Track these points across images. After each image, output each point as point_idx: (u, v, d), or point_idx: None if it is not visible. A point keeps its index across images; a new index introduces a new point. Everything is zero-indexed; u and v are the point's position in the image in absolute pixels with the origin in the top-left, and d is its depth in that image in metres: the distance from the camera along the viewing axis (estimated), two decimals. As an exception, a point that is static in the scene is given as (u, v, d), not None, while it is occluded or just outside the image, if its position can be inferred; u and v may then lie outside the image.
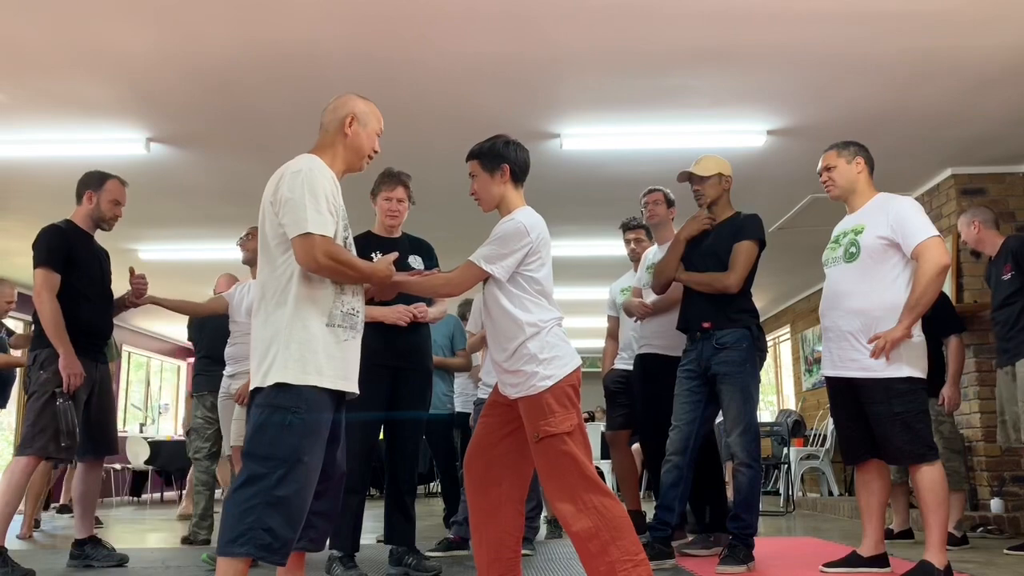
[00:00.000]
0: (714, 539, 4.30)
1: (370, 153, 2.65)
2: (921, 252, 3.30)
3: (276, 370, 2.36)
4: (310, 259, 2.38)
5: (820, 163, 3.65)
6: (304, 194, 2.39)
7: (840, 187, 3.58)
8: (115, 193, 4.17)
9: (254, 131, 5.30)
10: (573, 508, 2.54)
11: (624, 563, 2.49)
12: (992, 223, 4.60)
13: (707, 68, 4.51)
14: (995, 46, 4.26)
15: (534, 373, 2.60)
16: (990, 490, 5.59)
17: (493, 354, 2.76)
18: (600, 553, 2.51)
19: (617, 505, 2.56)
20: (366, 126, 2.62)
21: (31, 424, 3.85)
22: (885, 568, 3.55)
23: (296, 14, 3.94)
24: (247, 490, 2.26)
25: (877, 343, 3.28)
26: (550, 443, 2.56)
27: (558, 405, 2.58)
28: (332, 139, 2.60)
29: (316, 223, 2.38)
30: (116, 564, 4.10)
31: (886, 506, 3.61)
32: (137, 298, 4.17)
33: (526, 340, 2.63)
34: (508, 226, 2.70)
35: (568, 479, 2.55)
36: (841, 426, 3.59)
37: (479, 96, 4.83)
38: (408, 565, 3.68)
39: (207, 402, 5.13)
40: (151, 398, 13.26)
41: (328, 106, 2.64)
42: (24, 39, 4.13)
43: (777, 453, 9.17)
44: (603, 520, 2.51)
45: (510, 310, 2.66)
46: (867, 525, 3.58)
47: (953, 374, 4.78)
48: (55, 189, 5.96)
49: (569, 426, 2.57)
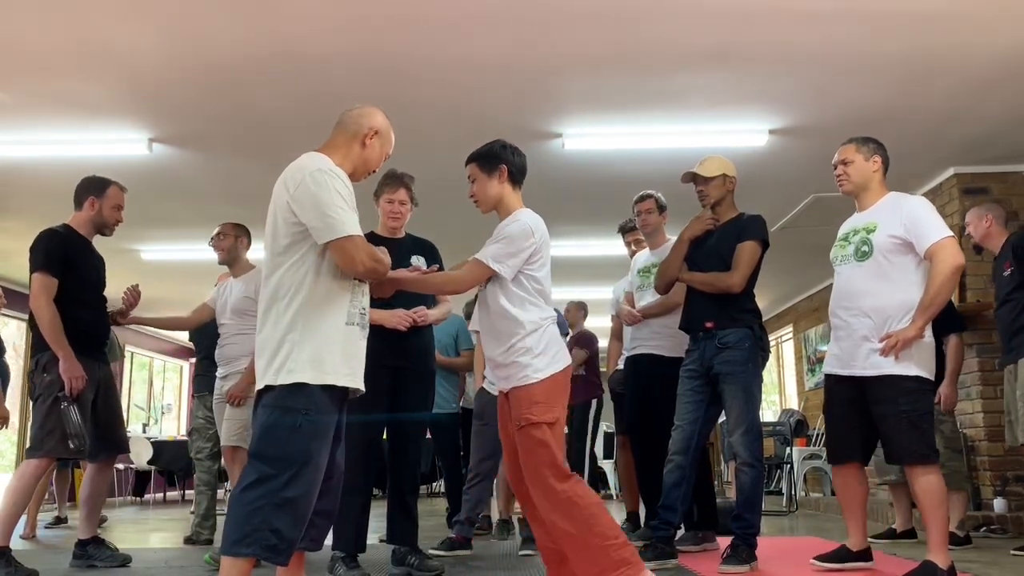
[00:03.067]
0: (702, 536, 4.34)
1: (373, 169, 2.68)
2: (936, 252, 3.29)
3: (290, 370, 2.35)
4: (355, 262, 2.41)
5: (836, 155, 3.59)
6: (333, 195, 2.39)
7: (854, 183, 3.55)
8: (117, 199, 4.17)
9: (256, 131, 5.30)
10: (546, 500, 2.66)
11: (606, 548, 2.58)
12: (1003, 221, 4.59)
13: (709, 68, 4.50)
14: (998, 45, 4.26)
15: (527, 365, 2.72)
16: (993, 490, 5.58)
17: (487, 349, 2.85)
18: (581, 543, 2.60)
19: (586, 489, 2.68)
20: (383, 145, 2.66)
21: (39, 426, 3.85)
22: (869, 562, 3.61)
23: (299, 15, 3.95)
24: (254, 491, 2.26)
25: (889, 341, 3.27)
26: (530, 431, 2.68)
27: (544, 397, 2.70)
28: (347, 142, 2.60)
29: (353, 225, 2.40)
30: (119, 564, 4.09)
31: (866, 504, 3.65)
32: (125, 314, 4.19)
33: (524, 336, 2.72)
34: (515, 226, 2.76)
35: (540, 467, 2.67)
36: (833, 425, 3.59)
37: (482, 97, 4.83)
38: (411, 565, 3.68)
39: (207, 402, 5.14)
40: (154, 398, 13.27)
41: (353, 111, 2.65)
42: (27, 39, 4.13)
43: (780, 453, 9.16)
44: (575, 508, 2.62)
45: (510, 309, 2.74)
46: (850, 523, 3.62)
47: (951, 373, 4.78)
48: (57, 189, 5.95)
49: (551, 417, 2.70)
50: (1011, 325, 4.33)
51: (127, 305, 4.18)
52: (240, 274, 4.52)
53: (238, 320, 4.43)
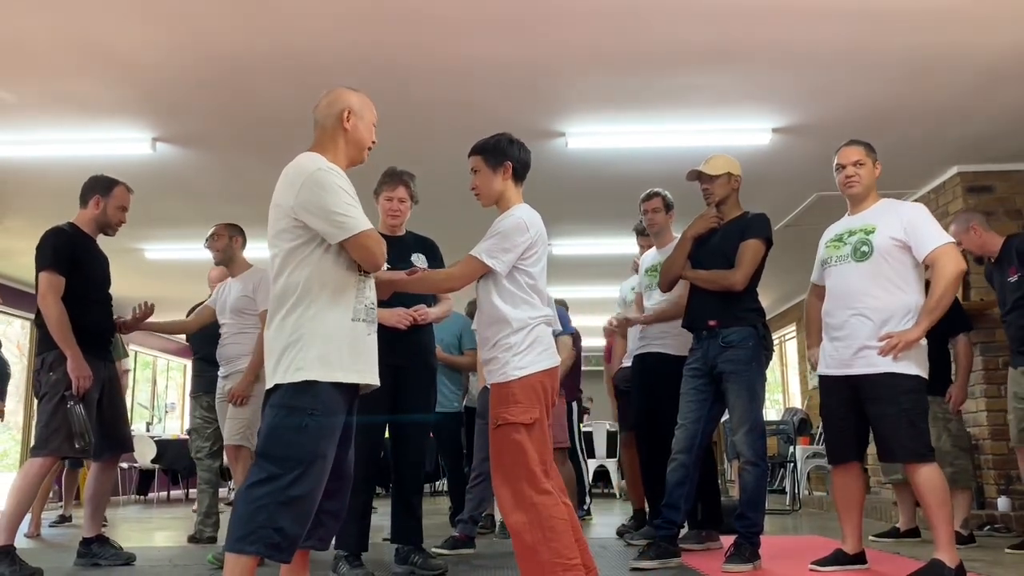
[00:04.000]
0: (706, 535, 4.34)
1: (369, 144, 2.64)
2: (938, 258, 3.30)
3: (298, 368, 2.35)
4: (376, 255, 2.44)
5: (847, 156, 3.55)
6: (339, 193, 2.39)
7: (864, 186, 3.54)
8: (122, 200, 4.18)
9: (260, 131, 5.31)
10: (512, 499, 2.59)
11: (555, 566, 2.51)
12: (985, 222, 4.55)
13: (712, 66, 4.50)
14: (1001, 43, 4.25)
15: (507, 361, 2.67)
16: (997, 488, 5.57)
17: (478, 347, 2.83)
18: (532, 552, 2.54)
19: (556, 506, 2.57)
20: (363, 118, 2.60)
21: (44, 425, 3.86)
22: (864, 565, 3.61)
23: (302, 15, 3.95)
24: (260, 488, 2.27)
25: (890, 341, 3.27)
26: (506, 431, 2.62)
27: (523, 396, 2.64)
28: (332, 135, 2.58)
29: (364, 220, 2.41)
30: (123, 563, 4.10)
31: (863, 506, 3.65)
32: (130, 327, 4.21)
33: (510, 333, 2.68)
34: (508, 221, 2.74)
35: (515, 469, 2.60)
36: (833, 425, 3.58)
37: (485, 95, 4.83)
38: (414, 564, 3.69)
39: (203, 402, 5.16)
40: (157, 397, 13.30)
41: (320, 102, 2.61)
42: (31, 39, 4.14)
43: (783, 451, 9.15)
44: (538, 518, 2.54)
45: (499, 306, 2.70)
46: (846, 525, 3.61)
47: (962, 373, 4.76)
48: (61, 189, 5.98)
49: (529, 418, 2.62)
50: (1020, 331, 4.31)
51: (135, 319, 4.20)
52: (238, 273, 4.53)
53: (237, 319, 4.44)
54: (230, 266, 4.57)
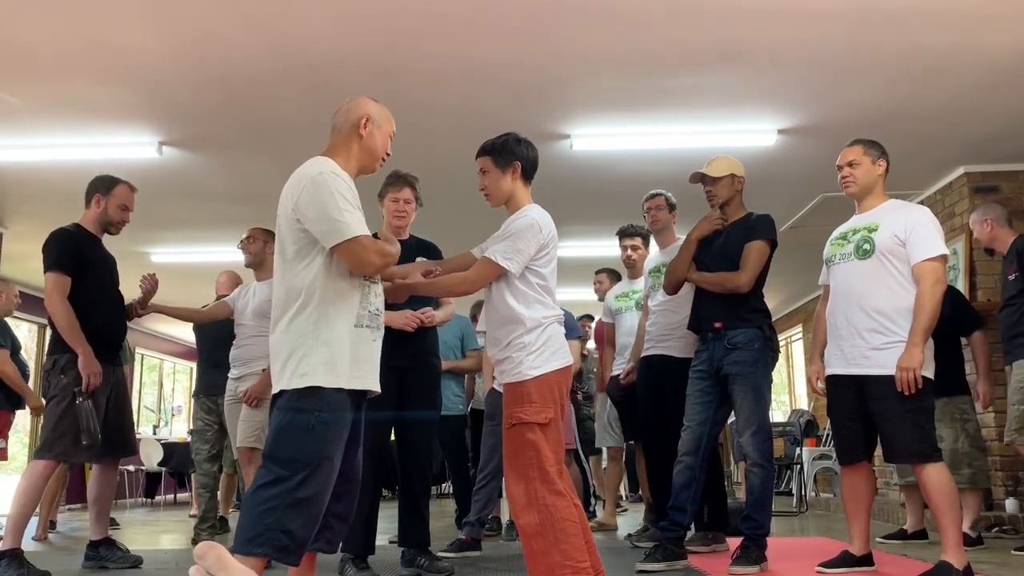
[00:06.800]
0: (712, 536, 4.34)
1: (383, 155, 2.66)
2: (924, 274, 3.31)
3: (303, 373, 2.36)
4: (365, 263, 2.42)
5: (843, 157, 3.59)
6: (336, 197, 2.39)
7: (860, 185, 3.55)
8: (124, 198, 4.17)
9: (266, 134, 5.32)
10: (525, 499, 2.57)
11: (564, 568, 2.50)
12: (1005, 220, 4.58)
13: (717, 68, 4.50)
14: (1008, 43, 4.24)
15: (522, 361, 2.65)
16: (1005, 490, 5.55)
17: (489, 346, 2.81)
18: (542, 554, 2.53)
19: (568, 508, 2.56)
20: (380, 127, 2.63)
21: (52, 428, 3.86)
22: (871, 567, 3.60)
23: (309, 18, 3.96)
24: (268, 491, 2.27)
25: (904, 376, 3.24)
26: (520, 430, 2.61)
27: (538, 396, 2.62)
28: (346, 141, 2.60)
29: (358, 225, 2.40)
30: (130, 565, 4.11)
31: (871, 508, 3.64)
32: (144, 303, 4.20)
33: (523, 333, 2.67)
34: (522, 222, 2.74)
35: (529, 470, 2.58)
36: (841, 426, 3.57)
37: (490, 98, 4.83)
38: (420, 566, 3.69)
39: (205, 405, 5.16)
40: (164, 400, 13.32)
41: (340, 109, 2.64)
42: (38, 43, 4.16)
43: (790, 453, 9.13)
44: (550, 519, 2.53)
45: (513, 306, 2.70)
46: (854, 527, 3.60)
47: (983, 368, 4.76)
48: (68, 193, 5.99)
49: (543, 418, 2.61)
50: (1011, 329, 4.37)
51: (145, 292, 4.19)
52: (264, 278, 4.57)
53: (259, 322, 4.45)
54: (259, 270, 4.63)
